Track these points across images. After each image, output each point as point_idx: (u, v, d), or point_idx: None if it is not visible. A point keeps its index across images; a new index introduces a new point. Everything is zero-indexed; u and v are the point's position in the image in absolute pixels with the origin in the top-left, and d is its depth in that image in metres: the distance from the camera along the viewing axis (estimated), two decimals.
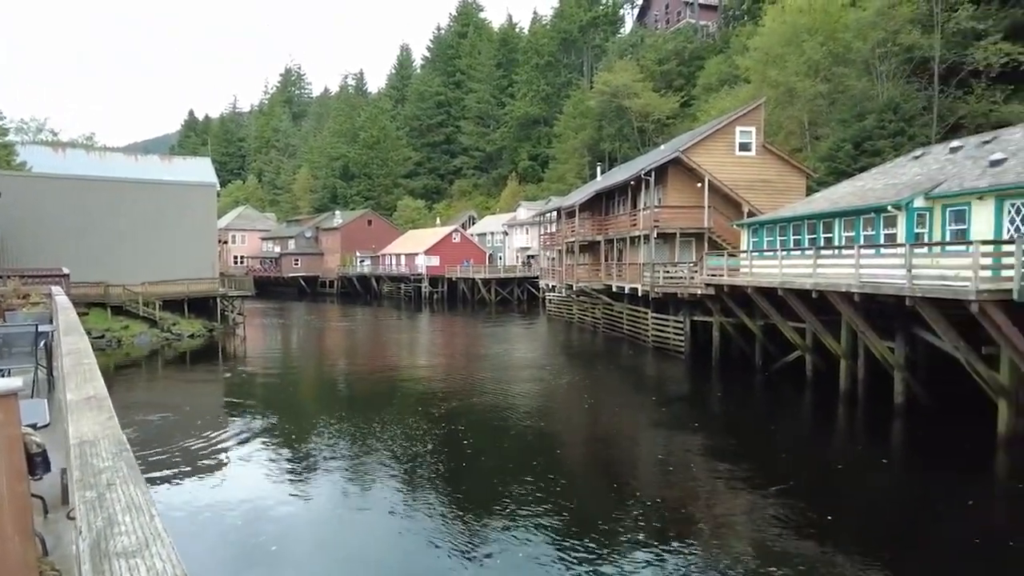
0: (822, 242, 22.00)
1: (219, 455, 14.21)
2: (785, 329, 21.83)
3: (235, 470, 13.31)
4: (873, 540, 9.93)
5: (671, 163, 31.57)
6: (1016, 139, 18.63)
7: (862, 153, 33.38)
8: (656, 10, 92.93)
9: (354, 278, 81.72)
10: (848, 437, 16.75)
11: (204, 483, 12.42)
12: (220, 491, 11.99)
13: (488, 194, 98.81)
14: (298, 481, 12.61)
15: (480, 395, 20.17)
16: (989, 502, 11.96)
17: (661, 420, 17.92)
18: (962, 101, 35.43)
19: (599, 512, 11.00)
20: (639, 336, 31.53)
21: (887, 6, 37.18)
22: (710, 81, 59.05)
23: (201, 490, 12.02)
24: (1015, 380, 13.95)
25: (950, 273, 13.85)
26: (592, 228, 40.63)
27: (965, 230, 17.21)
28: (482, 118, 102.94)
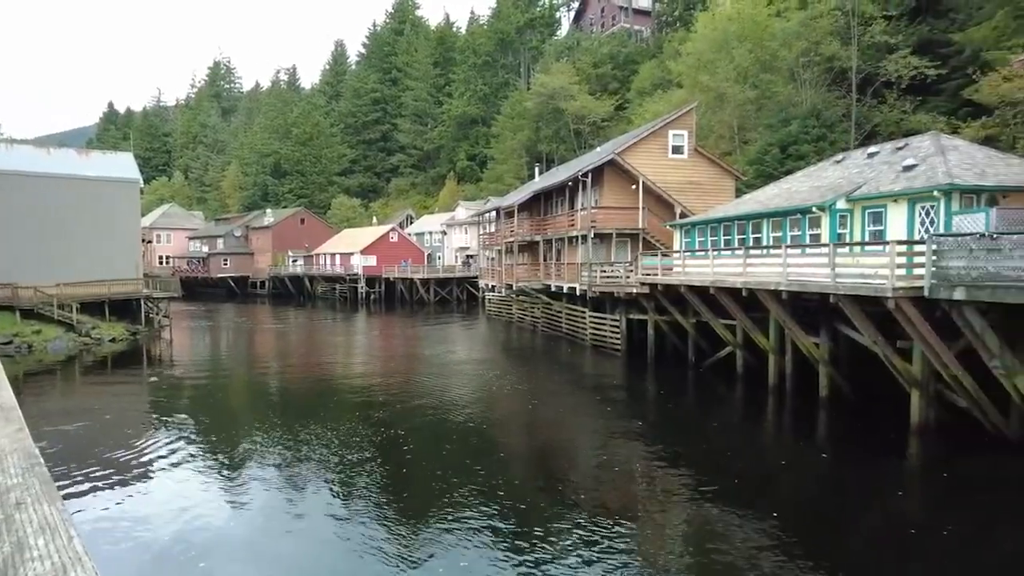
0: (751, 242, 22.83)
1: (145, 466, 13.45)
2: (717, 326, 22.55)
3: (163, 482, 12.62)
4: (799, 525, 10.38)
5: (607, 165, 32.10)
6: (925, 146, 19.85)
7: (788, 157, 34.83)
8: (592, 13, 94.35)
9: (286, 278, 79.47)
10: (776, 429, 17.45)
11: (129, 497, 11.70)
12: (146, 505, 11.35)
13: (426, 193, 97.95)
14: (230, 492, 12.07)
15: (420, 398, 19.85)
16: (903, 486, 12.69)
17: (600, 417, 18.17)
18: (877, 110, 37.53)
19: (540, 512, 11.03)
20: (577, 334, 31.92)
21: (809, 18, 38.97)
22: (644, 85, 60.33)
23: (126, 505, 11.32)
24: (926, 372, 14.84)
25: (869, 271, 14.60)
26: (531, 228, 40.87)
27: (882, 231, 18.21)
28: (419, 116, 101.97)
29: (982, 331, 12.79)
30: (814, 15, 38.73)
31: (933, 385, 14.96)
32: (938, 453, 14.00)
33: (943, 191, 16.54)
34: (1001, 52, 28.92)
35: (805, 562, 9.05)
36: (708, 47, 44.44)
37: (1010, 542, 10.08)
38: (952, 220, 16.17)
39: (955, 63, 34.49)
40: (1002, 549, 9.82)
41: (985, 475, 12.75)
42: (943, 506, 11.53)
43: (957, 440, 14.27)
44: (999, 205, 15.72)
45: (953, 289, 12.67)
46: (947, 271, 12.90)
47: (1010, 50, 28.10)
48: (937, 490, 12.46)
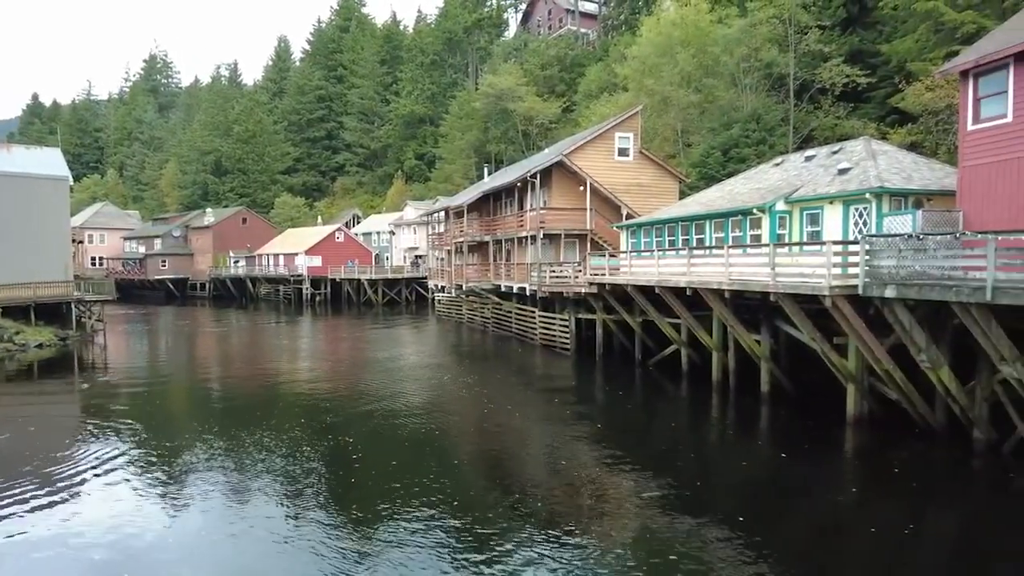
0: (695, 243, 23.43)
1: (75, 480, 12.68)
2: (662, 325, 23.03)
3: (94, 497, 11.89)
4: (743, 515, 10.69)
5: (555, 166, 32.37)
6: (858, 150, 20.77)
7: (730, 159, 35.84)
8: (539, 15, 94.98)
9: (228, 280, 77.12)
10: (720, 424, 17.94)
11: (56, 515, 10.98)
12: (77, 523, 10.70)
13: (373, 192, 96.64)
14: (168, 505, 11.48)
15: (368, 402, 19.47)
16: (840, 475, 13.23)
17: (551, 417, 18.31)
18: (813, 115, 39.04)
19: (491, 517, 10.98)
20: (527, 334, 32.08)
21: (749, 25, 40.20)
22: (591, 88, 61.05)
23: (53, 523, 10.62)
24: (861, 367, 15.54)
25: (807, 271, 15.18)
26: (480, 228, 40.85)
27: (819, 231, 18.97)
28: (366, 114, 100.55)
29: (910, 327, 13.46)
30: (754, 22, 39.98)
31: (867, 379, 15.67)
32: (872, 443, 14.66)
33: (874, 194, 17.36)
34: (923, 63, 30.48)
35: (749, 551, 9.33)
36: (653, 51, 45.30)
37: (934, 524, 10.71)
38: (883, 221, 16.97)
39: (883, 72, 36.20)
40: (927, 530, 10.40)
41: (913, 463, 13.42)
42: (876, 493, 12.09)
43: (889, 431, 14.98)
44: (924, 207, 16.58)
45: (884, 287, 13.29)
46: (879, 270, 13.52)
47: (931, 62, 29.64)
48: (871, 478, 13.05)
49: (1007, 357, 12.03)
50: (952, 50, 27.39)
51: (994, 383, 13.26)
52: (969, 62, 15.25)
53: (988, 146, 14.90)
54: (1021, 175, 14.16)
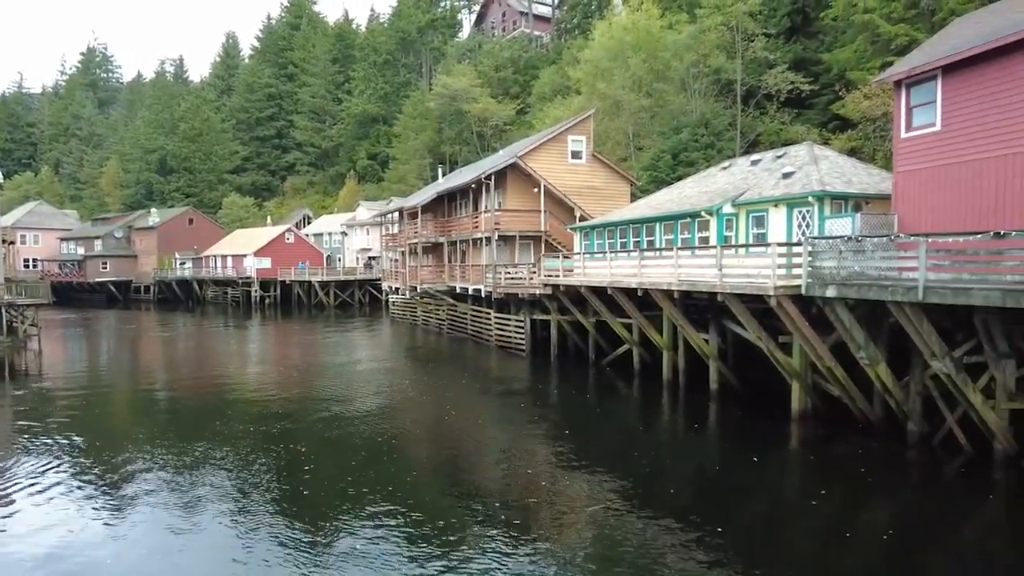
0: (645, 244, 23.87)
1: (4, 496, 12.00)
2: (615, 325, 23.39)
3: (27, 514, 11.22)
4: (694, 509, 10.98)
5: (509, 168, 32.50)
6: (801, 155, 21.53)
7: (679, 163, 36.61)
8: (493, 17, 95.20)
9: (173, 282, 74.68)
10: (671, 422, 18.33)
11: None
12: (7, 541, 10.19)
13: (325, 192, 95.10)
14: (108, 521, 10.90)
15: (321, 409, 19.01)
16: (785, 469, 13.72)
17: (506, 417, 18.38)
18: (759, 120, 40.22)
19: (447, 517, 10.99)
20: (483, 336, 32.10)
21: (699, 31, 41.18)
22: (544, 90, 61.46)
23: None
24: (804, 364, 16.10)
25: (753, 272, 15.66)
26: (435, 229, 40.67)
27: (764, 233, 19.57)
28: (317, 113, 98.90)
29: (850, 325, 14.02)
30: (703, 29, 40.96)
31: (810, 376, 16.25)
32: (815, 438, 15.21)
33: (817, 197, 18.02)
34: (861, 72, 31.78)
35: (699, 545, 9.57)
36: (605, 55, 45.92)
37: (872, 512, 11.19)
38: (825, 224, 17.63)
39: (825, 80, 37.55)
40: (865, 518, 10.86)
41: (853, 456, 13.98)
42: (819, 484, 12.57)
43: (831, 425, 15.58)
44: (863, 211, 17.30)
45: (826, 287, 13.82)
46: (821, 271, 14.05)
47: (868, 71, 30.91)
48: (814, 471, 13.57)
49: (937, 353, 12.65)
50: (887, 60, 28.63)
51: (926, 378, 13.93)
52: (901, 73, 15.99)
53: (920, 153, 15.65)
54: (949, 181, 14.92)
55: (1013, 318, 11.78)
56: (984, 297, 10.97)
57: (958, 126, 14.77)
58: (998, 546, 10.16)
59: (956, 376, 12.64)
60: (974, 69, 14.35)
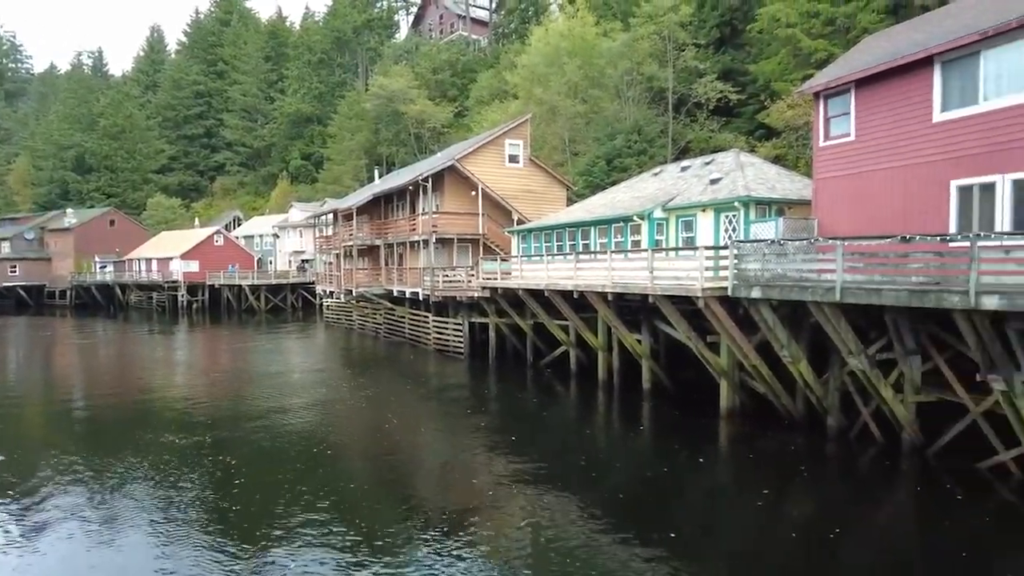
0: (581, 247, 24.26)
1: None
2: (552, 327, 23.66)
3: None
4: (628, 504, 11.25)
5: (447, 170, 32.42)
6: (728, 162, 22.37)
7: (614, 169, 37.38)
8: (431, 19, 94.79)
9: (93, 287, 70.80)
10: (606, 421, 18.67)
11: None
12: None
13: (256, 193, 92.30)
14: (20, 543, 10.22)
15: (252, 418, 18.31)
16: (715, 464, 14.18)
17: (445, 421, 18.30)
18: (690, 127, 41.50)
19: (384, 526, 10.84)
20: (421, 339, 31.85)
21: (632, 40, 42.18)
22: (482, 94, 61.64)
23: None
24: (732, 363, 16.72)
25: (682, 274, 16.16)
26: (371, 231, 40.09)
27: (693, 237, 20.22)
28: (248, 112, 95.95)
29: (774, 325, 14.65)
30: (636, 37, 41.98)
31: (737, 374, 16.89)
32: (742, 434, 15.80)
33: (742, 202, 18.75)
34: (785, 83, 33.28)
35: (633, 541, 9.82)
36: (542, 61, 46.45)
37: (796, 503, 11.75)
38: (750, 228, 18.36)
39: (751, 90, 39.10)
40: (786, 509, 11.39)
41: (777, 450, 14.61)
42: (748, 479, 13.14)
43: (757, 421, 16.22)
44: (785, 215, 18.12)
45: (751, 288, 14.39)
46: (746, 273, 14.62)
47: (791, 82, 32.41)
48: (741, 465, 14.11)
49: (853, 351, 13.38)
50: (808, 73, 30.07)
51: (843, 374, 14.71)
52: (820, 85, 16.86)
53: (836, 161, 16.53)
54: (863, 187, 15.81)
55: (919, 317, 12.59)
56: (894, 297, 11.67)
57: (870, 136, 15.68)
58: (907, 529, 10.84)
59: (870, 372, 13.40)
60: (882, 84, 15.27)
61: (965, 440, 12.81)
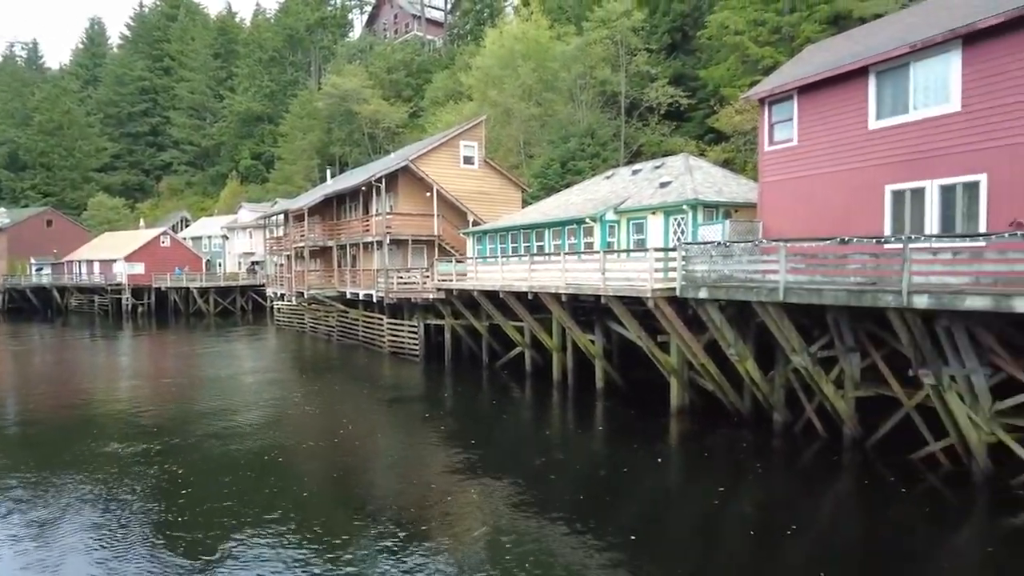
0: (536, 249, 24.45)
1: None
2: (507, 328, 23.76)
3: None
4: (580, 505, 11.38)
5: (401, 171, 32.21)
6: (677, 166, 22.87)
7: (568, 171, 37.76)
8: (385, 19, 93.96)
9: (28, 290, 67.67)
10: (561, 420, 18.85)
11: None
12: None
13: (204, 194, 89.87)
14: None
15: (200, 424, 17.83)
16: (667, 460, 14.46)
17: (399, 424, 18.19)
18: (642, 131, 42.24)
19: (342, 533, 10.68)
20: (375, 342, 31.53)
21: (585, 44, 42.68)
22: (437, 95, 61.41)
23: None
24: (681, 362, 17.11)
25: (633, 275, 16.46)
26: (323, 232, 39.51)
27: (644, 239, 20.61)
28: (196, 110, 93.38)
29: (721, 324, 15.05)
30: (589, 42, 42.51)
31: (687, 373, 17.30)
32: (692, 430, 16.20)
33: (691, 205, 19.21)
34: (733, 89, 34.20)
35: (588, 538, 9.97)
36: (496, 63, 46.58)
37: (739, 495, 12.10)
38: (698, 230, 18.82)
39: (701, 95, 40.06)
40: (742, 507, 11.72)
41: (728, 447, 15.05)
42: (700, 476, 13.52)
43: (706, 418, 16.66)
44: (732, 218, 18.64)
45: (699, 289, 14.76)
46: (694, 274, 15.00)
47: (739, 88, 33.32)
48: (691, 461, 14.48)
49: (797, 349, 13.86)
50: (756, 79, 30.96)
51: (788, 372, 15.23)
52: (764, 91, 17.40)
53: (780, 165, 17.09)
54: (805, 191, 16.39)
55: (857, 315, 13.13)
56: (833, 297, 12.15)
57: (811, 142, 16.27)
58: (850, 520, 11.28)
59: (812, 369, 13.91)
60: (823, 92, 15.87)
61: (900, 433, 13.43)
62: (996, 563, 9.36)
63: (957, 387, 11.62)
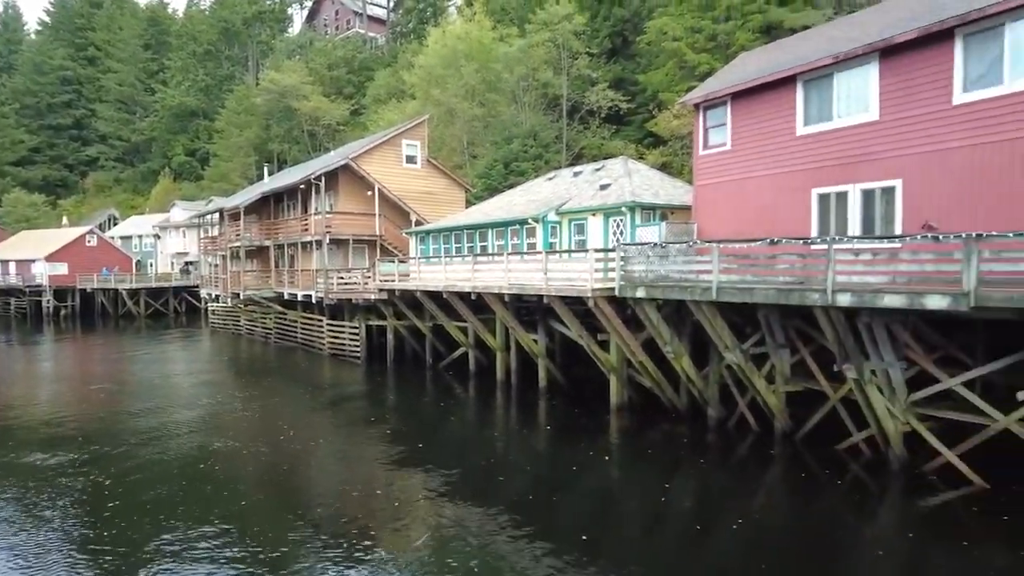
0: (479, 249, 24.49)
1: None
2: (451, 329, 23.70)
3: None
4: (524, 504, 11.50)
5: (342, 169, 31.69)
6: (616, 169, 23.33)
7: (511, 172, 37.96)
8: (326, 15, 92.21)
9: None
10: (505, 419, 18.93)
11: None
12: None
13: (134, 191, 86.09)
14: None
15: (130, 432, 17.01)
16: (608, 455, 14.72)
17: (341, 428, 17.89)
18: (583, 134, 42.83)
19: (282, 543, 10.36)
20: (314, 344, 30.91)
21: (528, 46, 42.98)
22: (379, 93, 60.67)
23: None
24: (621, 359, 17.46)
25: (574, 275, 16.70)
26: (261, 232, 38.45)
27: (584, 240, 20.93)
28: (125, 103, 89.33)
29: (658, 323, 15.45)
30: (531, 44, 42.83)
31: (626, 370, 17.66)
32: (633, 426, 16.55)
33: (629, 207, 19.63)
34: (671, 94, 35.09)
35: (532, 536, 10.07)
36: (439, 63, 46.39)
37: (683, 491, 12.46)
38: (636, 231, 19.25)
39: (641, 100, 40.92)
40: (679, 498, 12.06)
41: (665, 441, 15.47)
42: (640, 470, 13.84)
43: (645, 414, 17.08)
44: (668, 220, 19.15)
45: (636, 289, 15.11)
46: (632, 274, 15.34)
47: (677, 93, 34.21)
48: (635, 457, 14.77)
49: (729, 346, 14.36)
50: (692, 85, 31.86)
51: (722, 368, 15.74)
52: (699, 97, 17.96)
53: (714, 169, 17.67)
54: (737, 194, 16.99)
55: (786, 313, 13.71)
56: (764, 296, 12.66)
57: (743, 146, 16.88)
58: (782, 510, 11.77)
59: (744, 365, 14.43)
60: (754, 98, 16.50)
61: (826, 425, 14.10)
62: (913, 546, 9.95)
63: (877, 380, 12.29)
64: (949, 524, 10.62)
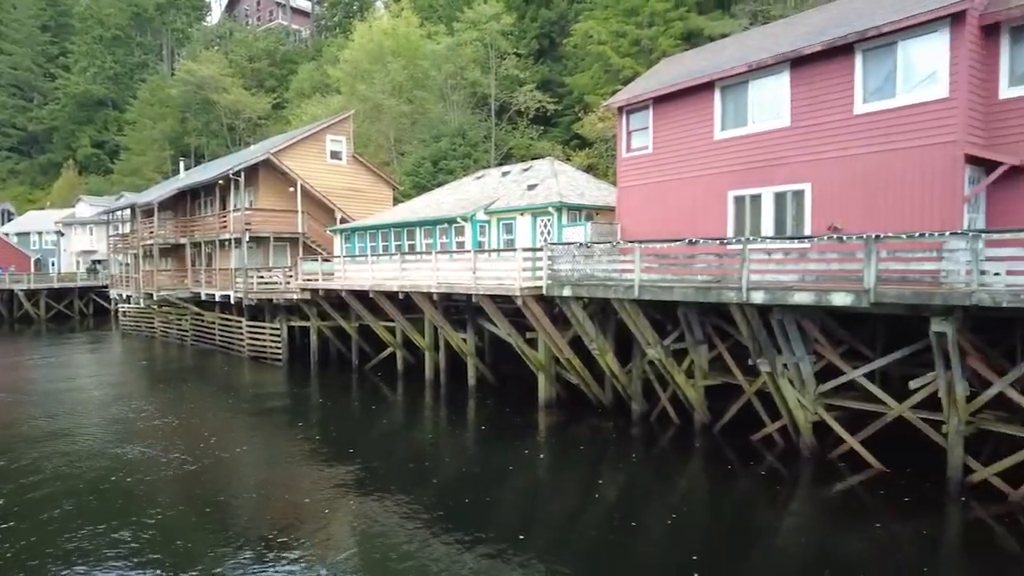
0: (407, 248, 24.24)
1: None
2: (378, 328, 23.37)
3: None
4: (452, 501, 11.49)
5: (262, 165, 30.66)
6: (544, 170, 23.63)
7: (440, 170, 37.74)
8: (247, 4, 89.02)
9: None
10: (434, 418, 18.83)
11: None
12: None
13: (33, 184, 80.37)
14: None
15: (29, 443, 15.81)
16: (536, 451, 14.86)
17: (263, 433, 17.31)
18: (511, 134, 43.06)
19: (203, 555, 9.92)
20: (233, 346, 29.77)
21: (456, 44, 42.83)
22: (303, 86, 59.07)
23: None
24: (548, 357, 17.70)
25: (503, 274, 16.81)
26: (175, 229, 36.67)
27: (513, 239, 21.09)
28: (21, 88, 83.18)
29: (584, 321, 15.76)
30: (459, 42, 42.71)
31: (554, 368, 17.94)
32: (559, 422, 16.82)
33: (556, 207, 19.92)
34: (597, 97, 35.78)
35: (462, 534, 10.06)
36: (365, 57, 45.61)
37: (605, 481, 12.75)
38: (563, 231, 19.55)
39: (568, 101, 41.53)
40: (601, 488, 12.34)
41: (591, 435, 15.80)
42: (566, 463, 14.10)
43: (572, 410, 17.41)
44: (593, 220, 19.55)
45: (563, 288, 15.36)
46: (558, 273, 15.58)
47: (602, 96, 34.91)
48: (566, 454, 14.94)
49: (651, 342, 14.80)
50: (617, 88, 32.59)
51: (644, 364, 16.21)
52: (622, 100, 18.41)
53: (636, 171, 18.16)
54: (658, 196, 17.53)
55: (705, 310, 14.27)
56: (683, 294, 13.13)
57: (665, 150, 17.43)
58: (702, 499, 12.25)
59: (666, 361, 14.92)
60: (675, 103, 17.07)
61: (743, 417, 14.76)
62: (827, 529, 10.60)
63: (789, 374, 12.98)
64: (857, 506, 11.35)
